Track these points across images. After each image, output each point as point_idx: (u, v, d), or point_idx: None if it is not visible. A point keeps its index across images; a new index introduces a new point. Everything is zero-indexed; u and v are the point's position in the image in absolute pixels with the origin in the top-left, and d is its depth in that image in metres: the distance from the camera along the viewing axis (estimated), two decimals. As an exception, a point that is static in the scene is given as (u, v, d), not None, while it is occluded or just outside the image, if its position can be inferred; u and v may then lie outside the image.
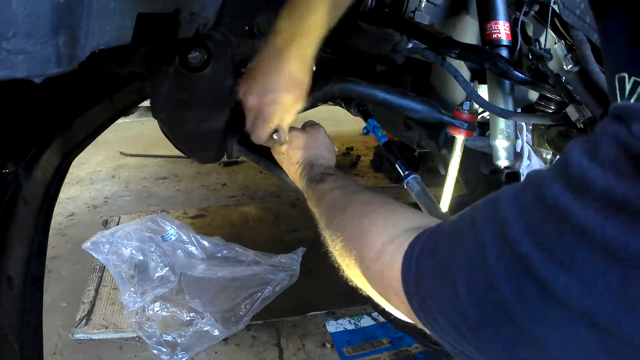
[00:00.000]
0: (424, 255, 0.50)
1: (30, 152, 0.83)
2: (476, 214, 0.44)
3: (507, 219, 0.39)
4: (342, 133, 3.58)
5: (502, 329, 0.39)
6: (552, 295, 0.35)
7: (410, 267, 0.50)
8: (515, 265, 0.37)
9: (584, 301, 0.33)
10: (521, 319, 0.37)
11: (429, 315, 0.48)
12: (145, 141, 3.45)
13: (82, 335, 1.71)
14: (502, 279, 0.38)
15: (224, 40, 0.89)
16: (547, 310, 0.35)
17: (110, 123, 1.16)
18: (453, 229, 0.48)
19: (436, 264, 0.47)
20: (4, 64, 0.44)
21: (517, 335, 0.38)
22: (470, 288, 0.41)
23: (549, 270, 0.35)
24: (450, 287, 0.43)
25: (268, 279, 1.87)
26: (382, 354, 1.69)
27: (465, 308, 0.41)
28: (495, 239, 0.40)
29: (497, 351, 0.40)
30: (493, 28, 0.99)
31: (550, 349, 0.36)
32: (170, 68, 0.88)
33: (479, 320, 0.40)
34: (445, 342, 0.48)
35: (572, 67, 1.08)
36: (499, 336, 0.39)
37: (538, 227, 0.37)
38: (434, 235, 0.51)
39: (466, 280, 0.42)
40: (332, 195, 0.75)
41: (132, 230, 1.88)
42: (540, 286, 0.35)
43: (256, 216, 2.59)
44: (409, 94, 1.04)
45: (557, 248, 0.35)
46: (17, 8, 0.43)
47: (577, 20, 1.02)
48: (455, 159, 1.05)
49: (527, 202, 0.39)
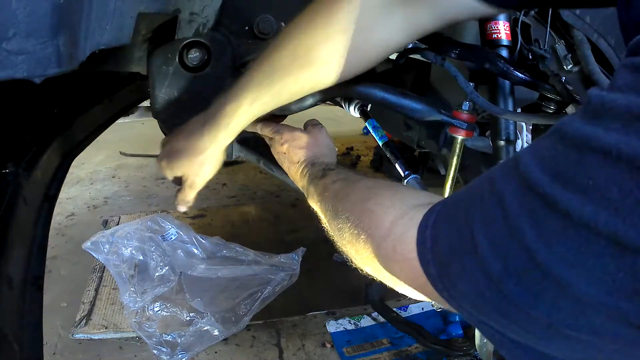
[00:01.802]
0: (440, 222, 0.49)
1: (30, 152, 0.83)
2: (493, 174, 0.44)
3: (527, 167, 0.39)
4: (342, 133, 3.58)
5: (525, 277, 0.38)
6: (577, 227, 0.34)
7: (425, 237, 0.49)
8: (538, 207, 0.36)
9: (611, 225, 0.32)
10: (546, 261, 0.36)
11: (447, 282, 0.46)
12: (145, 141, 3.45)
13: (82, 335, 1.71)
14: (524, 225, 0.37)
15: (224, 40, 0.89)
16: (571, 245, 0.34)
17: (110, 123, 1.16)
18: (469, 193, 0.48)
19: (453, 228, 0.46)
20: (4, 64, 0.44)
21: (541, 280, 0.37)
22: (492, 242, 0.40)
23: (574, 201, 0.34)
24: (469, 246, 0.42)
25: (268, 279, 1.87)
26: (382, 354, 1.69)
27: (487, 263, 0.40)
28: (516, 190, 0.39)
29: (518, 306, 0.39)
30: (493, 28, 0.99)
31: (575, 287, 0.35)
32: (170, 68, 0.88)
33: (501, 273, 0.39)
34: (464, 310, 0.46)
35: (572, 67, 1.08)
36: (521, 287, 0.38)
37: (559, 164, 0.36)
38: (448, 203, 0.51)
39: (486, 236, 0.41)
40: (335, 187, 0.74)
41: (132, 230, 1.88)
42: (566, 220, 0.34)
43: (256, 216, 2.59)
44: (409, 94, 1.03)
45: (580, 176, 0.34)
46: (17, 8, 0.43)
47: (577, 20, 1.02)
48: (455, 159, 1.05)
49: (546, 149, 0.38)
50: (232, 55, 0.91)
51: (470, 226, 0.43)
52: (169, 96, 0.90)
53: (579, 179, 0.34)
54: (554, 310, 0.37)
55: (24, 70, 0.45)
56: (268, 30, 0.93)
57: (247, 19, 0.92)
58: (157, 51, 0.86)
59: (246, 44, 0.94)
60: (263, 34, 0.93)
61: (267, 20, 0.93)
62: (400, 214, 0.56)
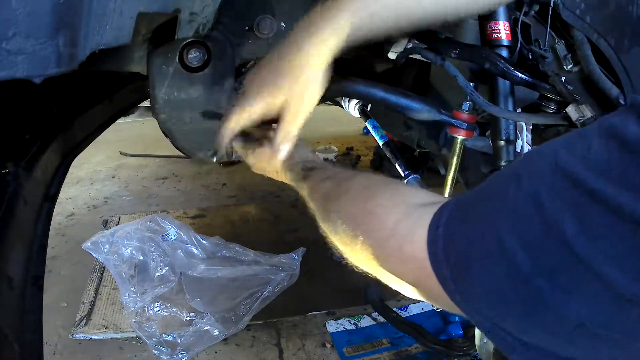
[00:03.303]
0: (454, 223, 0.47)
1: (30, 152, 0.83)
2: (518, 171, 0.43)
3: (570, 165, 0.38)
4: (342, 133, 3.59)
5: (560, 274, 0.37)
6: (628, 223, 0.33)
7: (437, 236, 0.48)
8: (584, 203, 0.36)
9: None
10: (588, 256, 0.35)
11: (461, 283, 0.45)
12: (145, 141, 3.45)
13: (82, 335, 1.71)
14: (565, 221, 0.37)
15: (224, 40, 0.89)
16: (618, 241, 0.34)
17: (110, 123, 1.16)
18: (487, 193, 0.47)
19: (471, 229, 0.45)
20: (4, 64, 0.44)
21: (580, 276, 0.36)
22: (522, 240, 0.39)
23: (626, 198, 0.34)
24: (493, 245, 0.41)
25: (268, 279, 1.87)
26: (382, 354, 1.69)
27: (514, 262, 0.39)
28: (554, 186, 0.38)
29: (548, 303, 0.38)
30: (493, 28, 0.99)
31: (618, 283, 0.35)
32: (170, 68, 0.88)
33: (530, 271, 0.39)
34: (477, 313, 0.45)
35: (572, 67, 1.08)
36: (554, 284, 0.38)
37: (610, 163, 0.36)
38: (462, 204, 0.49)
39: (515, 234, 0.40)
40: (324, 187, 0.71)
41: (132, 230, 1.88)
42: (615, 217, 0.34)
43: (256, 216, 2.59)
44: (409, 94, 1.04)
45: (633, 176, 0.34)
46: (17, 8, 0.43)
47: (577, 20, 1.02)
48: (455, 159, 1.05)
49: (591, 149, 0.38)
50: (232, 55, 0.91)
51: (494, 226, 0.42)
52: (169, 96, 0.90)
53: (632, 178, 0.34)
54: (588, 307, 0.37)
55: (23, 70, 0.45)
56: (268, 30, 0.93)
57: (247, 19, 0.92)
58: (157, 51, 0.86)
59: (246, 44, 0.94)
60: (263, 34, 0.93)
61: (267, 20, 0.93)
62: (404, 213, 0.55)
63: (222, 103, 0.94)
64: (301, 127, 0.74)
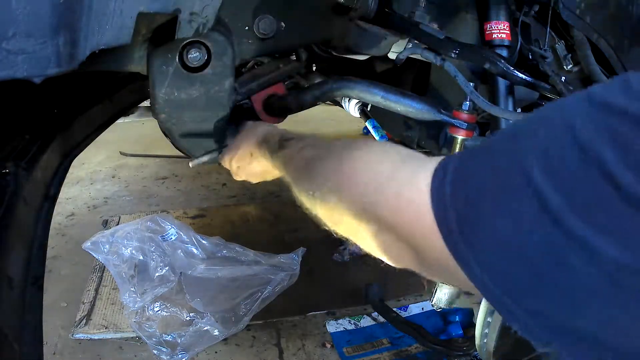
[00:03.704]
0: (466, 166, 0.43)
1: (30, 152, 0.83)
2: (545, 112, 0.40)
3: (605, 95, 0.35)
4: (342, 133, 3.58)
5: (597, 210, 0.33)
6: None
7: (444, 182, 0.43)
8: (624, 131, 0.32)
9: None
10: (634, 190, 0.31)
11: (467, 227, 0.40)
12: (145, 141, 3.45)
13: (82, 335, 1.72)
14: (604, 151, 0.32)
15: (224, 40, 0.89)
16: None
17: (110, 123, 1.16)
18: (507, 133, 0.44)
19: (488, 167, 0.41)
20: (4, 64, 0.44)
21: (624, 211, 0.31)
22: (551, 173, 0.35)
23: None
24: (516, 179, 0.37)
25: (268, 279, 1.87)
26: (382, 354, 1.69)
27: (543, 198, 0.35)
28: (590, 116, 0.34)
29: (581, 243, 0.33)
30: (493, 28, 0.99)
31: None
32: (170, 68, 0.88)
33: (562, 208, 0.34)
34: (478, 266, 0.40)
35: (572, 67, 1.08)
36: (590, 222, 0.33)
37: None
38: (473, 150, 0.45)
39: (544, 167, 0.35)
40: (302, 155, 0.68)
41: (132, 230, 1.88)
42: None
43: (256, 216, 2.59)
44: (408, 94, 1.04)
45: None
46: (17, 8, 0.43)
47: (577, 20, 1.02)
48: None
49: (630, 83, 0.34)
50: (232, 55, 0.91)
51: (518, 161, 0.37)
52: (169, 96, 0.90)
53: None
54: (632, 248, 0.31)
55: (24, 70, 0.46)
56: (268, 30, 0.93)
57: (247, 19, 0.92)
58: (157, 51, 0.86)
59: (246, 44, 0.94)
60: (263, 34, 0.93)
61: (267, 20, 0.93)
62: (401, 161, 0.51)
63: (222, 103, 0.94)
64: None
